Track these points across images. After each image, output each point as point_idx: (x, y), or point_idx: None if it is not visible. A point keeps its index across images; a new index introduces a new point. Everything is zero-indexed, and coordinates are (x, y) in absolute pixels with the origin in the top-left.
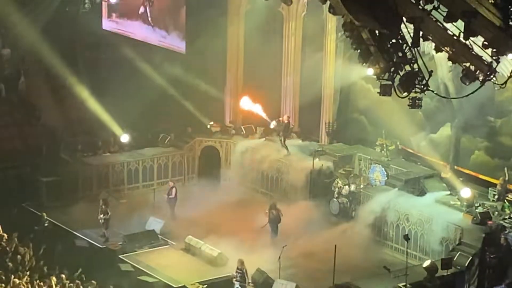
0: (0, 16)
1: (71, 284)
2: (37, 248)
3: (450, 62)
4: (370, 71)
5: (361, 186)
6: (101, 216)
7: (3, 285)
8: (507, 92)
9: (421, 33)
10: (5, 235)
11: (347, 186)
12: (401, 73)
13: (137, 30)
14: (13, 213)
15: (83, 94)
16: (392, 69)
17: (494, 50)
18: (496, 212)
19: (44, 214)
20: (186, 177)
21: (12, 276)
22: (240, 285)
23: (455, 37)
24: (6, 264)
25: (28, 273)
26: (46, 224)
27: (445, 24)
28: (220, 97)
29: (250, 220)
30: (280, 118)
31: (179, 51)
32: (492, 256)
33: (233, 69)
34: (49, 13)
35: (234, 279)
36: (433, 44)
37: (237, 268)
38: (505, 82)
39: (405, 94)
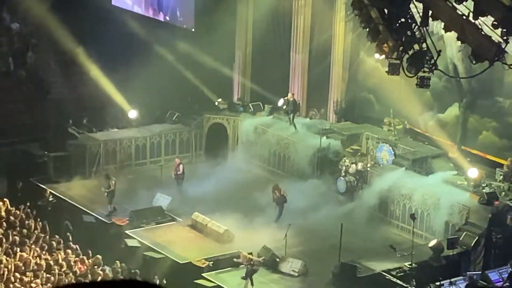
0: None
1: (77, 258)
2: (44, 222)
3: (459, 42)
4: (377, 56)
5: (368, 165)
6: (105, 189)
7: (10, 258)
8: None
9: (430, 12)
10: (13, 209)
11: (354, 165)
12: (410, 52)
13: (146, 6)
14: (20, 188)
15: (92, 69)
16: (401, 48)
17: (504, 30)
18: (503, 193)
19: (48, 189)
20: (193, 153)
21: (19, 250)
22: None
23: (464, 17)
24: (13, 238)
25: (34, 246)
26: (50, 199)
27: (454, 3)
28: (229, 74)
29: (257, 198)
30: (286, 97)
31: (188, 27)
32: (498, 236)
33: (242, 46)
34: None
35: (251, 266)
36: (442, 24)
37: (246, 263)
38: None
39: (414, 73)
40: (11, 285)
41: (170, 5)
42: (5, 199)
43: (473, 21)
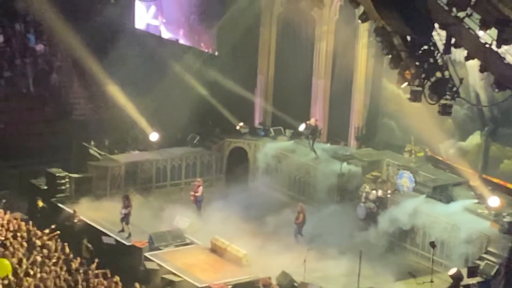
0: (35, 13)
1: (96, 279)
2: (64, 243)
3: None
4: (401, 82)
5: (389, 191)
6: (122, 211)
7: (31, 279)
8: None
9: (453, 40)
10: (34, 229)
11: (374, 191)
12: (432, 80)
13: (171, 31)
14: (41, 208)
15: (114, 91)
16: (423, 75)
17: None
18: None
19: (75, 210)
20: (214, 177)
21: (39, 270)
22: None
23: (487, 45)
24: (34, 258)
25: (54, 267)
26: (75, 220)
27: (477, 32)
28: (250, 98)
29: (277, 222)
30: (308, 122)
31: (211, 51)
32: None
33: (264, 70)
34: (84, 9)
35: None
36: (465, 52)
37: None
38: None
39: (435, 101)
40: None
41: (194, 28)
42: (26, 219)
43: (496, 49)
